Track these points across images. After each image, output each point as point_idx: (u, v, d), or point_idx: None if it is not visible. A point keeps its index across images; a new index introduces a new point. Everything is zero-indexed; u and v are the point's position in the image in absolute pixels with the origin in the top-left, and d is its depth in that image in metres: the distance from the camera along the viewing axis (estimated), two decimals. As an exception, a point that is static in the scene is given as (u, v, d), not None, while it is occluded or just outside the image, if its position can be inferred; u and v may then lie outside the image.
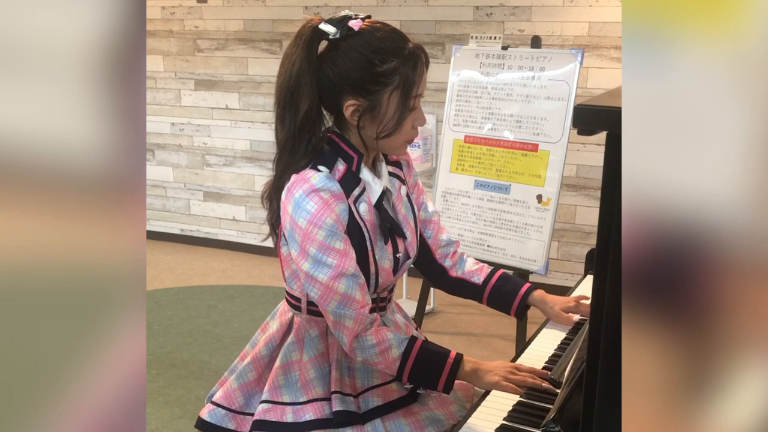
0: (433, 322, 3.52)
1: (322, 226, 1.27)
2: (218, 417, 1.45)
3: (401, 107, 1.31)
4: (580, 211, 3.79)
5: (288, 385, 1.42)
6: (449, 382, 1.34)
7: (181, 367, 3.07)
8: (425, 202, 1.61)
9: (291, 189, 1.30)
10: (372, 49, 1.28)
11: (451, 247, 1.63)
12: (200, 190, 4.71)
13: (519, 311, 1.59)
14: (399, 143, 1.37)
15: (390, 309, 1.53)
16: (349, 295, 1.29)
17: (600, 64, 3.57)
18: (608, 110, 0.83)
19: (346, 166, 1.35)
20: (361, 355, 1.33)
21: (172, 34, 4.50)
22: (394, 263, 1.42)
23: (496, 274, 1.61)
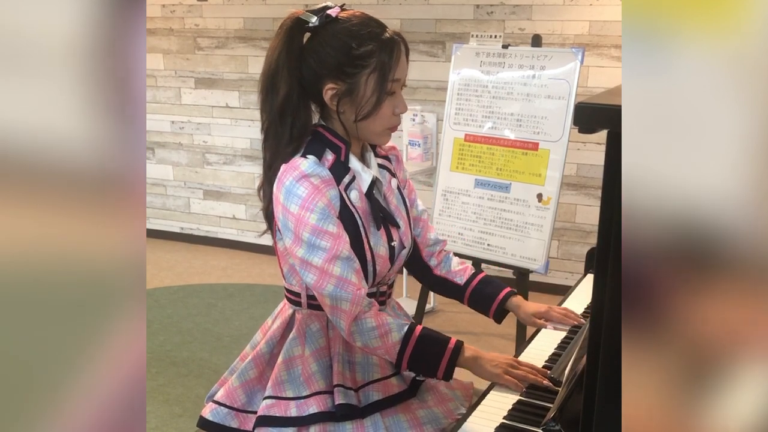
0: (433, 321, 3.52)
1: (314, 209, 1.29)
2: (221, 415, 1.45)
3: (378, 90, 1.33)
4: (581, 210, 3.79)
5: (291, 380, 1.42)
6: (449, 368, 1.34)
7: (181, 365, 3.08)
8: (416, 200, 1.63)
9: (281, 178, 1.32)
10: (349, 33, 1.32)
11: (437, 246, 1.65)
12: (200, 189, 4.71)
13: (497, 314, 1.62)
14: (379, 129, 1.39)
15: (390, 306, 1.53)
16: (344, 278, 1.30)
17: (600, 63, 3.57)
18: (609, 109, 0.83)
19: (335, 156, 1.38)
20: (360, 339, 1.33)
21: (173, 32, 4.50)
22: (390, 252, 1.42)
23: (479, 276, 1.64)
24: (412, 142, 3.62)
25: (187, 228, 4.82)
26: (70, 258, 0.77)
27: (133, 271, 0.81)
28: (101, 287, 0.79)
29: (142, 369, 0.83)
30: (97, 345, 0.79)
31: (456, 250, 3.18)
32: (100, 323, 0.79)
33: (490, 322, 1.70)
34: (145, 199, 0.86)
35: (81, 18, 0.75)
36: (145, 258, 0.83)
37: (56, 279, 0.76)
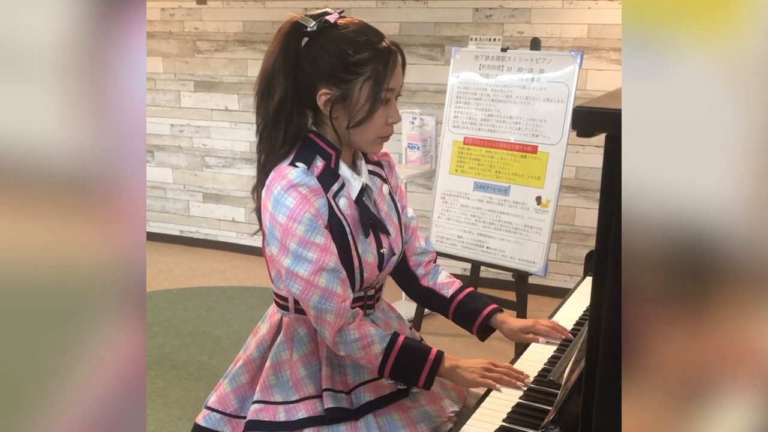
0: (432, 324, 3.52)
1: (302, 220, 1.29)
2: (213, 421, 1.45)
3: (372, 98, 1.33)
4: (580, 213, 3.79)
5: (279, 385, 1.42)
6: (430, 378, 1.36)
7: (180, 368, 3.07)
8: (406, 207, 1.61)
9: (270, 186, 1.33)
10: (346, 40, 1.32)
11: (426, 256, 1.63)
12: (199, 192, 4.71)
13: (480, 331, 1.59)
14: (371, 137, 1.39)
15: (380, 308, 1.53)
16: (329, 290, 1.31)
17: (599, 66, 3.58)
18: (607, 112, 0.84)
19: (325, 163, 1.37)
20: (344, 350, 1.35)
21: (172, 35, 4.50)
22: (378, 259, 1.42)
23: (465, 291, 1.60)
24: (411, 145, 3.62)
25: (187, 231, 4.82)
26: (70, 261, 0.77)
27: (133, 274, 0.81)
28: (101, 290, 0.79)
29: (142, 372, 0.84)
30: (98, 348, 0.79)
31: (455, 253, 3.18)
32: (100, 326, 0.79)
33: (489, 325, 1.68)
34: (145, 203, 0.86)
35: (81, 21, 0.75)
36: (145, 261, 0.83)
37: (57, 282, 0.76)
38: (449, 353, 1.41)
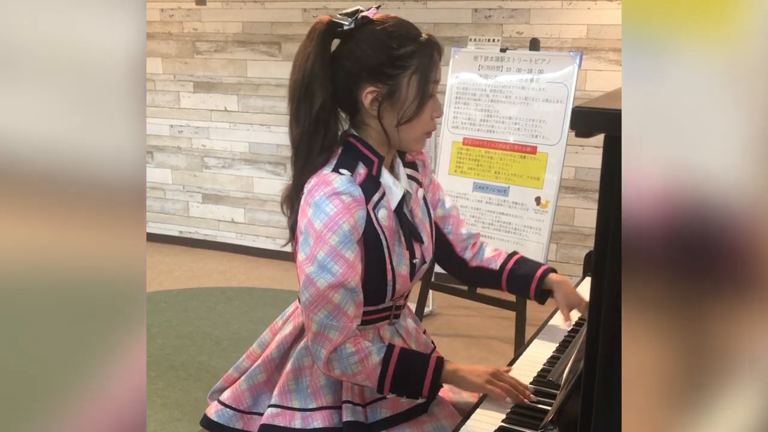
0: (432, 324, 3.52)
1: (338, 231, 1.25)
2: (226, 417, 1.44)
3: (421, 92, 1.30)
4: (579, 213, 3.79)
5: (298, 391, 1.40)
6: (434, 384, 1.30)
7: (180, 369, 3.07)
8: (442, 198, 1.58)
9: (312, 191, 1.28)
10: (388, 34, 1.29)
11: (471, 240, 1.60)
12: (199, 192, 4.71)
13: (538, 295, 1.55)
14: (418, 134, 1.35)
15: (402, 315, 1.50)
16: (341, 308, 1.26)
17: (598, 67, 3.58)
18: (606, 112, 0.84)
19: (367, 170, 1.33)
20: (339, 366, 1.29)
21: (171, 36, 4.50)
22: (410, 269, 1.39)
23: (513, 259, 1.57)
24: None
25: (186, 231, 4.82)
26: (69, 263, 0.77)
27: (133, 275, 0.81)
28: (101, 291, 0.79)
29: (142, 373, 0.84)
30: (97, 349, 0.79)
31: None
32: (100, 327, 0.79)
33: (488, 325, 1.69)
34: (145, 203, 0.86)
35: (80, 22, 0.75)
36: (144, 262, 0.83)
37: (56, 284, 0.76)
38: (449, 353, 1.40)
